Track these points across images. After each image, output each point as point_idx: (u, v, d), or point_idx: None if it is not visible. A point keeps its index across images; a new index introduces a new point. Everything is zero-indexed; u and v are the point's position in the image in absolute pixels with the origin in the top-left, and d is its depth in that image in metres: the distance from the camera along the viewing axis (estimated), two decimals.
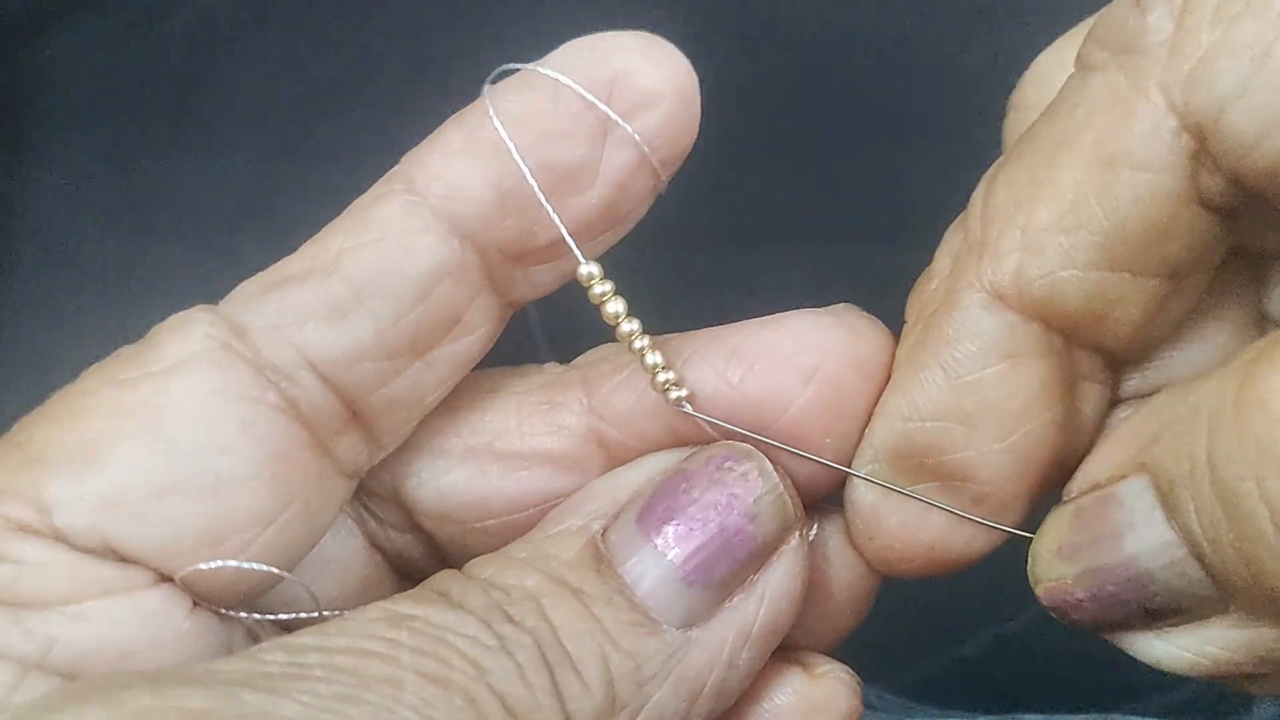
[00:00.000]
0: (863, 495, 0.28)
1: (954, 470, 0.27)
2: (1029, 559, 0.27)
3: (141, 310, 0.41)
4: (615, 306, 0.28)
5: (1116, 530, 0.25)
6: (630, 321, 0.28)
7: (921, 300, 0.28)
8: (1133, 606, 0.25)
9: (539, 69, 0.27)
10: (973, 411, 0.26)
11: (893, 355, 0.28)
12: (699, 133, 0.28)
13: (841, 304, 0.29)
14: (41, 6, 0.45)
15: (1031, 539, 0.27)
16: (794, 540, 0.27)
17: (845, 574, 0.30)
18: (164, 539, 0.25)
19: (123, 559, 0.25)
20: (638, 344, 0.28)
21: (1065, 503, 0.27)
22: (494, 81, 0.28)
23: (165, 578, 0.26)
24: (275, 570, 0.27)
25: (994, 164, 0.27)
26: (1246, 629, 0.24)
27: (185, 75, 0.44)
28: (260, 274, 0.28)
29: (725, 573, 0.26)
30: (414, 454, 0.30)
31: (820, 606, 0.29)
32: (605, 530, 0.27)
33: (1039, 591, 0.26)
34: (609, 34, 0.27)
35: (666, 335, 0.30)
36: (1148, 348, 0.27)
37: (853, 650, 0.30)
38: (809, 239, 0.42)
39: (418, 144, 0.28)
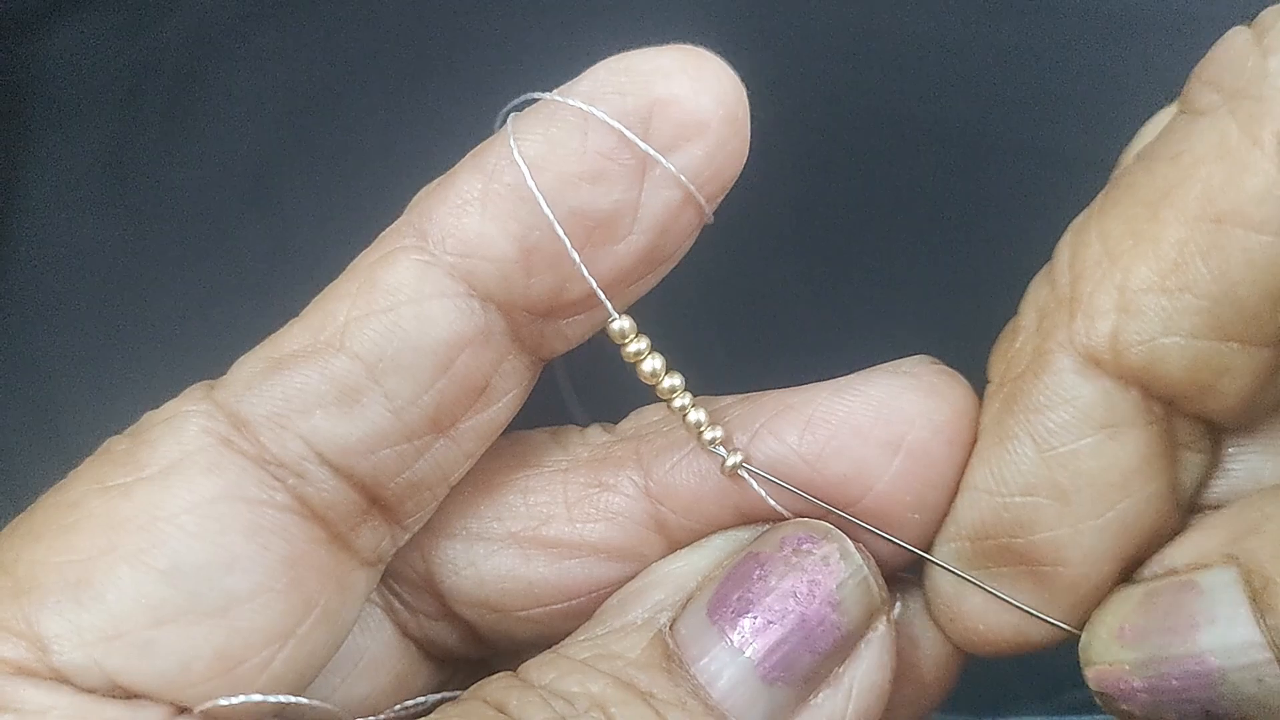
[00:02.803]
0: (942, 578, 0.26)
1: (1042, 554, 0.25)
2: (1084, 637, 0.25)
3: (140, 308, 0.40)
4: (652, 364, 0.26)
5: (1193, 621, 0.23)
6: (672, 377, 0.26)
7: (1007, 359, 0.25)
8: (1193, 706, 0.23)
9: (566, 100, 0.24)
10: (1066, 486, 0.24)
11: (977, 413, 0.26)
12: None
13: (916, 358, 0.27)
14: (39, 4, 0.44)
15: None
16: (881, 626, 0.25)
17: (932, 653, 0.27)
18: (172, 670, 0.23)
19: (131, 694, 0.23)
20: (678, 403, 0.26)
21: (1134, 584, 0.25)
22: (516, 110, 0.25)
23: (180, 709, 0.24)
24: (300, 700, 0.25)
25: (1084, 211, 0.25)
26: None
27: (184, 73, 0.43)
28: (259, 348, 0.25)
29: (808, 668, 0.24)
30: (450, 539, 0.28)
31: (905, 688, 0.27)
32: (673, 623, 0.24)
33: (1089, 673, 0.24)
34: (645, 52, 0.24)
35: (723, 398, 0.27)
36: (1255, 416, 0.25)
37: None
38: (858, 260, 0.41)
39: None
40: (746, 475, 0.26)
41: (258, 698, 0.24)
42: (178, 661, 0.23)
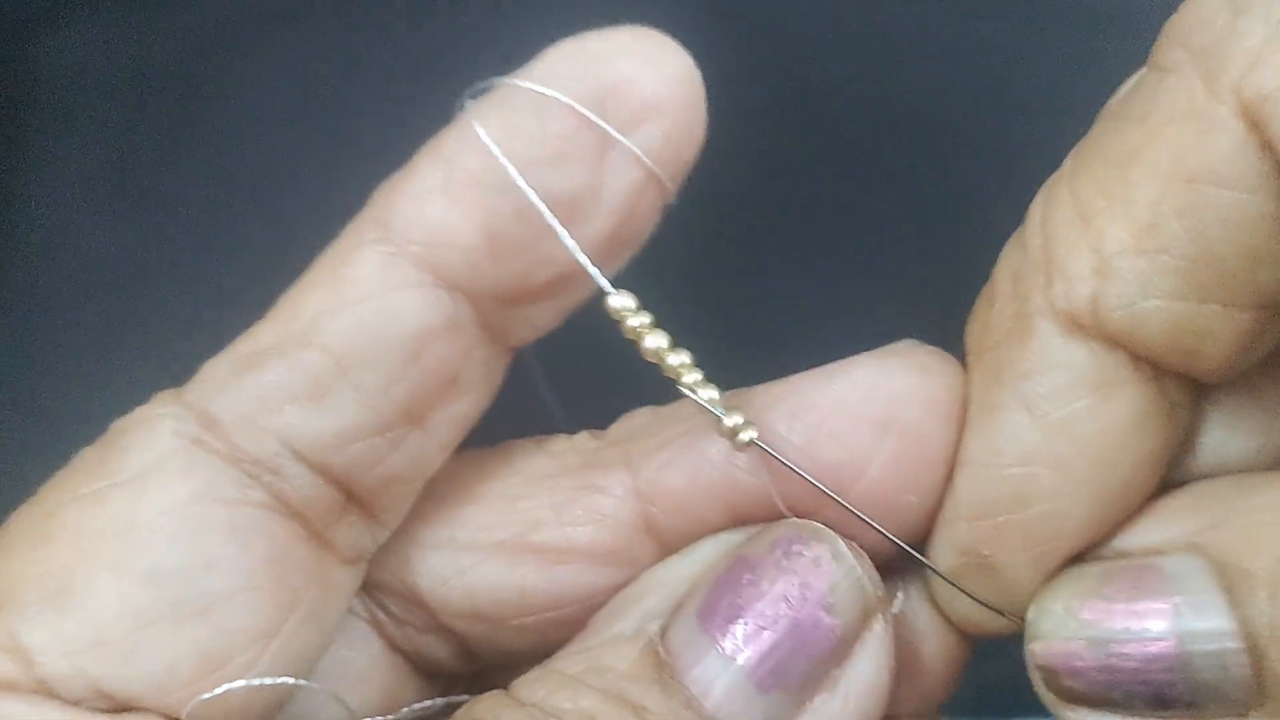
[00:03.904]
0: (944, 562, 0.25)
1: (1041, 529, 0.24)
2: (1032, 612, 0.24)
3: (143, 308, 0.41)
4: (656, 340, 0.25)
5: (1159, 604, 0.22)
6: (678, 353, 0.25)
7: (985, 327, 0.25)
8: (1145, 688, 0.23)
9: (520, 83, 0.24)
10: (1064, 453, 0.23)
11: (964, 388, 0.25)
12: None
13: (904, 342, 0.26)
14: (41, 5, 0.45)
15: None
16: (878, 626, 0.24)
17: (936, 642, 0.27)
18: (157, 675, 0.23)
19: (118, 704, 0.23)
20: (688, 378, 0.25)
21: (1087, 563, 0.24)
22: (472, 98, 0.24)
23: (171, 717, 0.23)
24: (289, 681, 0.25)
25: (1053, 175, 0.24)
26: None
27: (187, 75, 0.44)
28: (229, 348, 0.25)
29: (803, 673, 0.23)
30: (436, 550, 0.27)
31: (909, 681, 0.26)
32: (665, 631, 0.24)
33: (1035, 647, 0.24)
34: (597, 34, 0.24)
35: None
36: (1237, 374, 0.24)
37: None
38: (830, 241, 0.40)
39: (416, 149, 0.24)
40: (769, 451, 0.25)
41: (240, 684, 0.24)
42: (163, 665, 0.23)
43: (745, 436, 0.24)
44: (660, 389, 0.26)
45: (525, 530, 0.26)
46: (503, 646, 0.28)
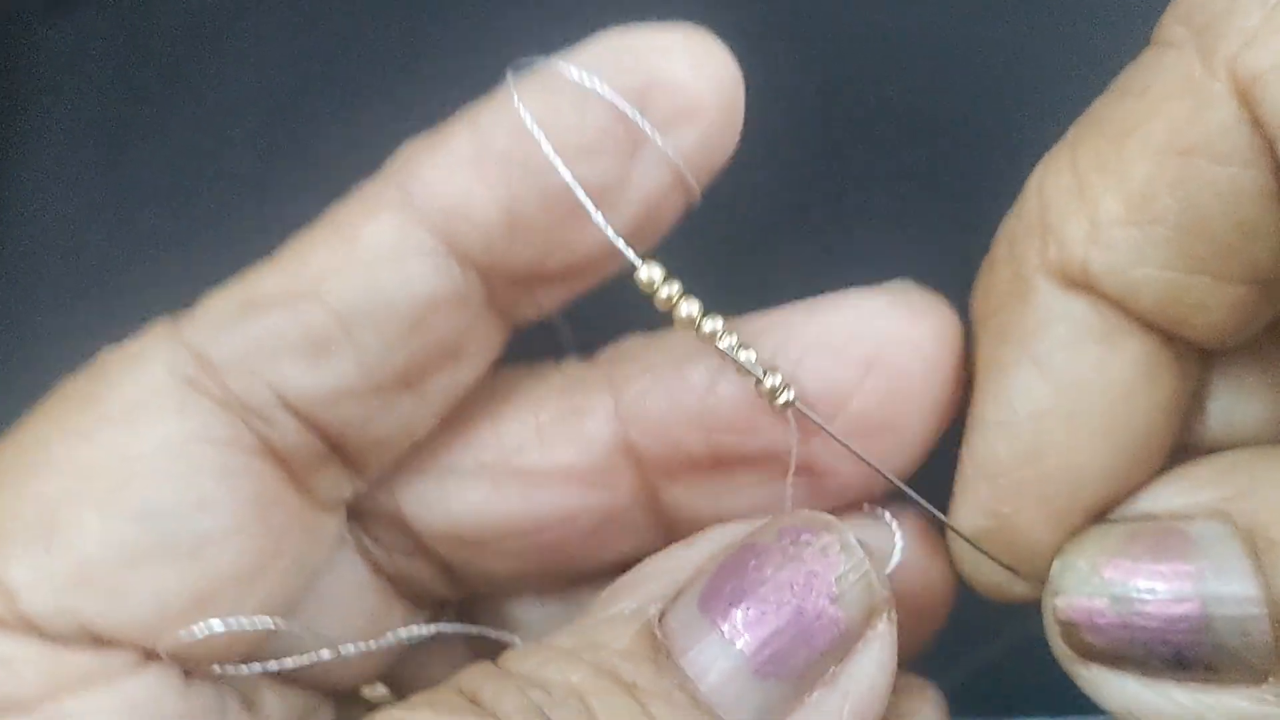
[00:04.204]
0: (967, 526, 0.26)
1: (1057, 483, 0.24)
2: (1057, 566, 0.24)
3: (134, 298, 0.40)
4: (689, 308, 0.24)
5: (1186, 566, 0.23)
6: (713, 320, 0.25)
7: (986, 294, 0.25)
8: (1166, 648, 0.23)
9: (565, 67, 0.24)
10: (1074, 404, 0.24)
11: (959, 337, 0.25)
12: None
13: (898, 281, 0.26)
14: None
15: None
16: (881, 625, 0.23)
17: (920, 580, 0.27)
18: (145, 613, 0.23)
19: (102, 641, 0.23)
20: (724, 343, 0.25)
21: (1111, 522, 0.25)
22: (514, 73, 0.24)
23: (152, 655, 0.23)
24: (270, 624, 0.25)
25: (1049, 152, 0.25)
26: (1266, 706, 0.23)
27: (178, 65, 0.43)
28: (232, 286, 0.25)
29: (803, 664, 0.22)
30: (420, 474, 0.27)
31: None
32: (663, 614, 0.23)
33: (1058, 602, 0.24)
34: (646, 28, 0.24)
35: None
36: (1236, 345, 0.25)
37: None
38: (849, 234, 0.41)
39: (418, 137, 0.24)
40: (803, 410, 0.25)
41: (217, 623, 0.24)
42: (152, 604, 0.23)
43: (784, 398, 0.25)
44: None
45: (508, 453, 0.27)
46: (486, 571, 0.28)
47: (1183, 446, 0.26)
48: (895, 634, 0.24)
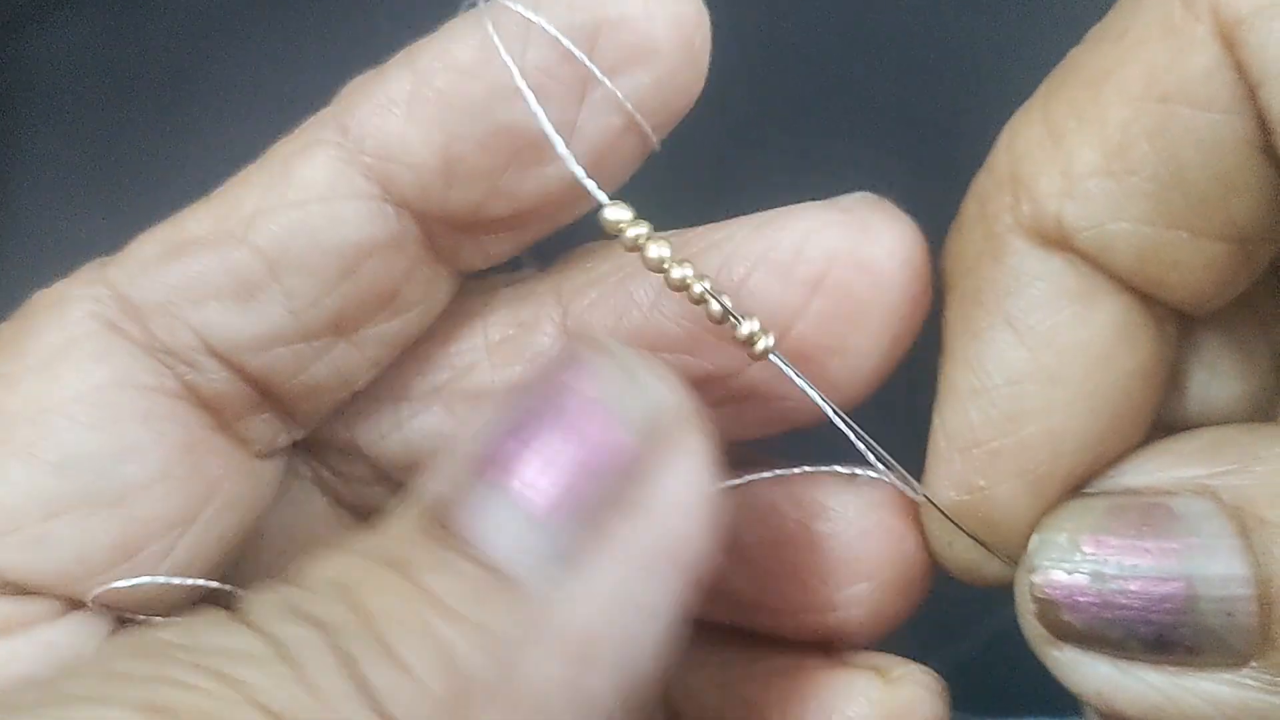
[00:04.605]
0: (940, 500, 0.24)
1: (1035, 450, 0.23)
2: (1035, 541, 0.23)
3: None
4: (658, 250, 0.23)
5: (1171, 544, 0.22)
6: (682, 267, 0.23)
7: (957, 257, 0.24)
8: (1148, 628, 0.22)
9: (511, 6, 0.22)
10: (1052, 366, 0.23)
11: (919, 252, 0.24)
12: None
13: (857, 194, 0.24)
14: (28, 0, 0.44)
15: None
16: (689, 441, 0.20)
17: (888, 549, 0.25)
18: (67, 563, 0.22)
19: (23, 590, 0.22)
20: (697, 289, 0.23)
21: (1090, 496, 0.23)
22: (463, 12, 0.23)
23: (77, 603, 0.23)
24: (199, 582, 0.24)
25: (1023, 105, 0.24)
26: (1245, 690, 0.21)
27: (175, 67, 0.44)
28: (161, 226, 0.24)
29: (594, 498, 0.20)
30: (371, 401, 0.26)
31: (862, 587, 0.25)
32: (437, 497, 0.20)
33: (1035, 578, 0.23)
34: None
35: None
36: (1213, 308, 0.24)
37: None
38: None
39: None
40: (782, 364, 0.23)
41: (147, 579, 0.23)
42: (74, 553, 0.22)
43: (761, 345, 0.23)
44: None
45: (459, 374, 0.26)
46: None
47: (1159, 425, 0.25)
48: (707, 450, 0.21)
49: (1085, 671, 0.23)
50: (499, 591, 0.19)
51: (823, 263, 0.23)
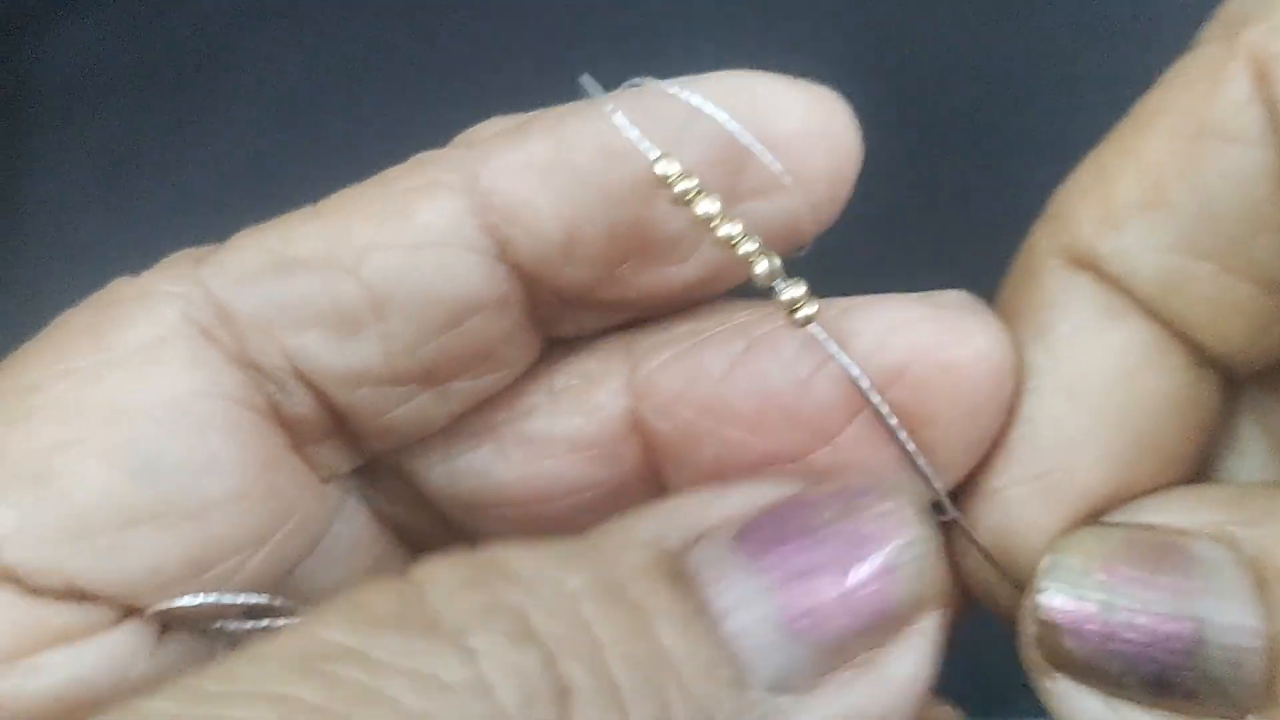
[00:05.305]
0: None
1: (1051, 459, 0.23)
2: (1047, 561, 0.23)
3: None
4: (707, 207, 0.22)
5: (1187, 584, 0.21)
6: (731, 223, 0.22)
7: (1006, 287, 0.25)
8: (1151, 666, 0.22)
9: (677, 91, 0.22)
10: (1074, 377, 0.23)
11: (1009, 360, 0.23)
12: None
13: (953, 291, 0.24)
14: (40, 3, 0.45)
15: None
16: (929, 621, 0.21)
17: None
18: (140, 575, 0.21)
19: (85, 596, 0.21)
20: (744, 247, 0.22)
21: (1107, 525, 0.23)
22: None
23: (132, 610, 0.22)
24: (263, 600, 0.23)
25: None
26: None
27: (188, 71, 0.44)
28: (266, 234, 0.23)
29: (840, 634, 0.20)
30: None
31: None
32: (684, 549, 0.20)
33: (1042, 599, 0.22)
34: (770, 79, 0.22)
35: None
36: (1253, 363, 0.24)
37: None
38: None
39: (425, 146, 0.24)
40: (816, 333, 0.22)
41: (214, 598, 0.22)
42: (147, 566, 0.21)
43: (804, 314, 0.22)
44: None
45: (518, 416, 0.25)
46: (484, 530, 0.26)
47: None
48: (940, 636, 0.21)
49: (1074, 705, 0.22)
50: (729, 683, 0.19)
51: (906, 354, 0.22)
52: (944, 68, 0.43)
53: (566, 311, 0.24)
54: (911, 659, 0.21)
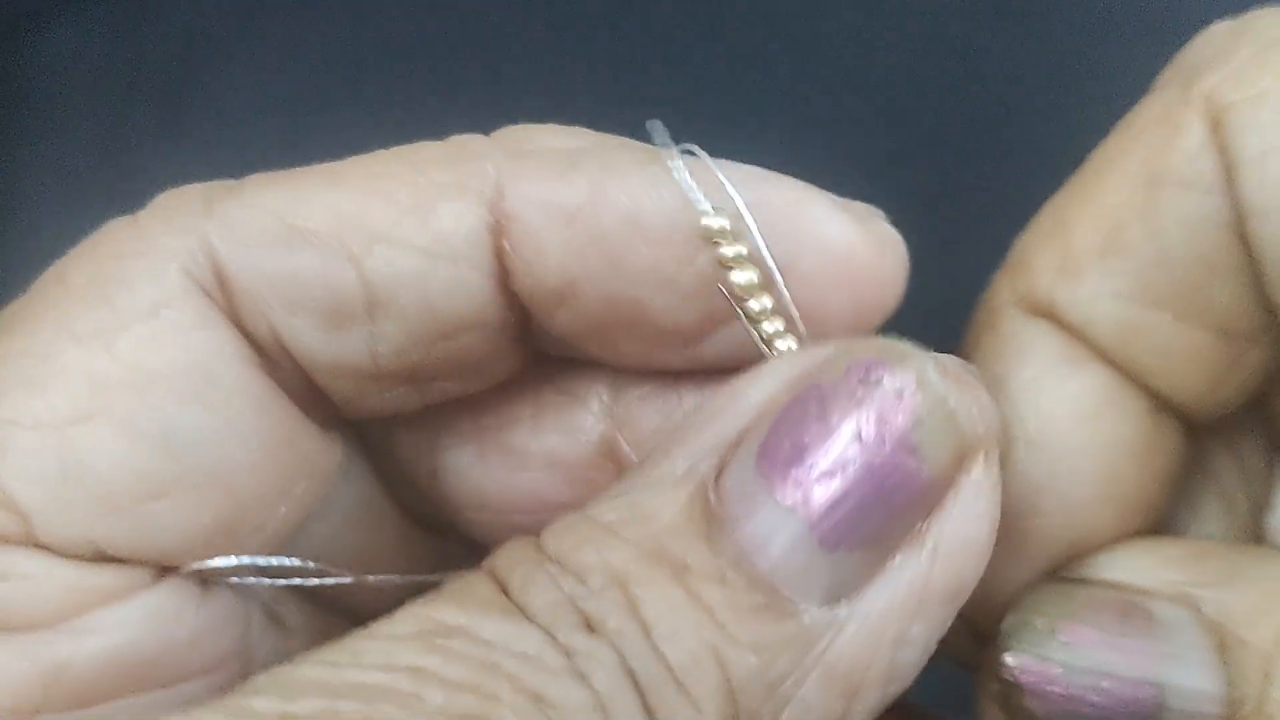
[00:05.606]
0: None
1: (1016, 506, 0.22)
2: (1011, 620, 0.22)
3: None
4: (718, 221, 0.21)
5: (1148, 648, 0.21)
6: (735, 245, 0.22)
7: (968, 334, 0.25)
8: None
9: (723, 177, 0.21)
10: (1031, 422, 0.23)
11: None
12: None
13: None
14: (34, 2, 0.44)
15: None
16: (977, 469, 0.20)
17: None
18: (171, 542, 0.22)
19: (120, 561, 0.22)
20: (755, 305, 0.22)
21: (1069, 581, 0.23)
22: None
23: (169, 569, 0.22)
24: (295, 562, 0.23)
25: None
26: None
27: (181, 70, 0.44)
28: (279, 184, 0.22)
29: (879, 527, 0.19)
30: (415, 419, 0.26)
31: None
32: (721, 472, 0.20)
33: (1007, 659, 0.22)
34: (821, 199, 0.22)
35: None
36: (1210, 412, 0.24)
37: None
38: None
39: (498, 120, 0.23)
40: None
41: (248, 560, 0.22)
42: (177, 534, 0.22)
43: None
44: None
45: (501, 424, 0.25)
46: (471, 526, 0.26)
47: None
48: (997, 475, 0.20)
49: None
50: (776, 618, 0.19)
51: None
52: (944, 68, 0.43)
53: (558, 344, 0.24)
54: (965, 514, 0.20)
